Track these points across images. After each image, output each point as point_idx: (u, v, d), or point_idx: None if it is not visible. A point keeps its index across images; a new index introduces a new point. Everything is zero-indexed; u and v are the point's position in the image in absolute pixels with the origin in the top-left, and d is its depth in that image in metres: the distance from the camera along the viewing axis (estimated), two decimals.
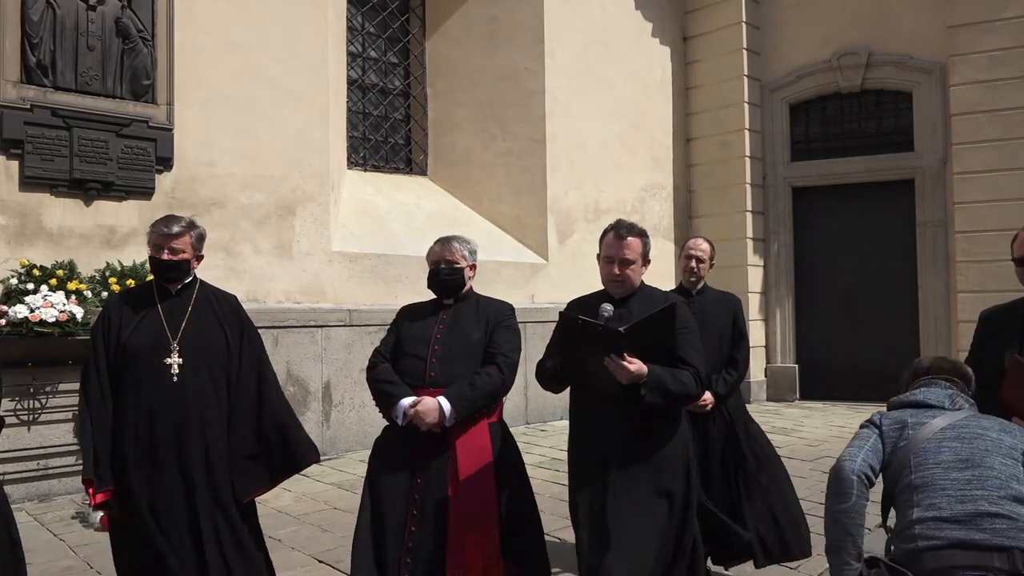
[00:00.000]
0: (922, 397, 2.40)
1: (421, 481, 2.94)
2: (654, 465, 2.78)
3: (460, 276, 3.18)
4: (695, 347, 2.90)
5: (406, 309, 3.29)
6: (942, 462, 2.18)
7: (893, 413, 2.40)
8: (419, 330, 3.14)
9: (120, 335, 3.01)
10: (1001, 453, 2.18)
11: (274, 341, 6.81)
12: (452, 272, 3.16)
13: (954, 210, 9.44)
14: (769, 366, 10.68)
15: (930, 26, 9.67)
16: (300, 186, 7.27)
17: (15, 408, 5.54)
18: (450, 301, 3.20)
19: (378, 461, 3.08)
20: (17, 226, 5.82)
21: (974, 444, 2.20)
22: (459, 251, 3.17)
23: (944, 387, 2.43)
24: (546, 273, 9.17)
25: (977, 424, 2.27)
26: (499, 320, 3.15)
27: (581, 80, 9.64)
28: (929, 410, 2.35)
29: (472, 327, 3.11)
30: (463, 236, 3.27)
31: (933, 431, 2.25)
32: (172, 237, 3.04)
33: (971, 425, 2.26)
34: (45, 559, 4.32)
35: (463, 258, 3.18)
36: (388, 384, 3.03)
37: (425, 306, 3.26)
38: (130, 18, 6.28)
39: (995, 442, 2.20)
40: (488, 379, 3.00)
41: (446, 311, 3.18)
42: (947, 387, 2.43)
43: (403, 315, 3.25)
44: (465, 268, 3.19)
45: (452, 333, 3.10)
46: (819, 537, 4.53)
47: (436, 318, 3.16)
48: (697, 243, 4.17)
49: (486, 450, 3.00)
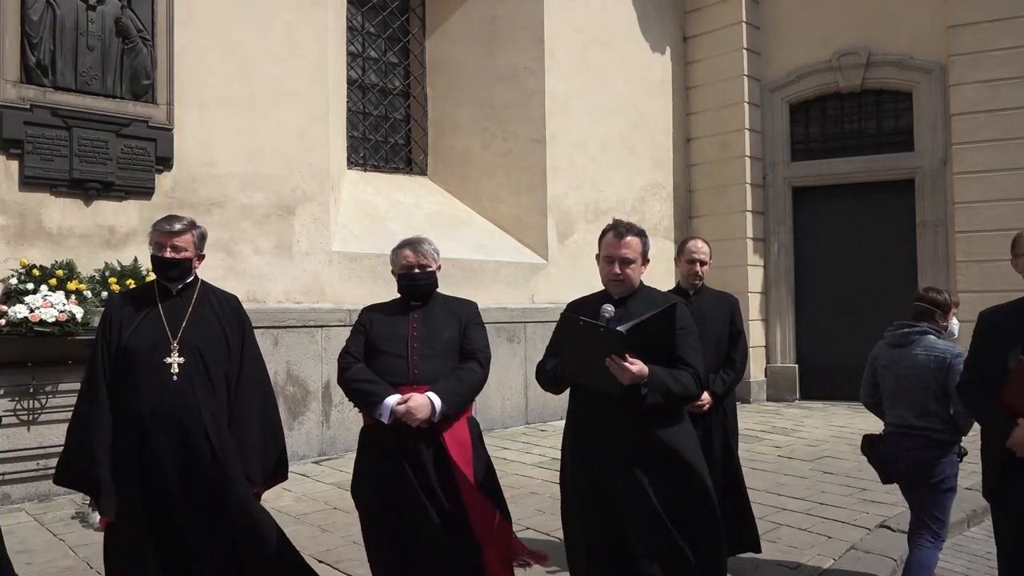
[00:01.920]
0: (889, 340, 3.78)
1: (420, 474, 2.95)
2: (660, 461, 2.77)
3: (434, 279, 3.24)
4: (694, 347, 2.91)
5: (371, 308, 3.30)
6: (886, 387, 3.71)
7: (876, 350, 3.86)
8: (391, 329, 3.14)
9: (121, 335, 3.02)
10: (919, 384, 3.55)
11: (274, 341, 6.81)
12: (428, 276, 3.21)
13: (954, 210, 9.44)
14: (769, 366, 10.68)
15: (930, 26, 9.67)
16: (300, 186, 7.27)
17: (15, 408, 5.54)
18: (418, 301, 3.22)
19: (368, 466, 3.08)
20: (17, 226, 5.82)
21: (899, 380, 3.64)
22: (430, 254, 3.22)
23: (906, 329, 3.70)
24: (546, 273, 9.17)
25: (907, 362, 3.64)
26: (470, 318, 3.23)
27: (581, 80, 9.64)
28: (889, 349, 3.76)
29: (444, 325, 3.16)
30: (426, 237, 3.31)
31: (881, 364, 3.77)
32: (175, 235, 3.06)
33: (902, 364, 3.64)
34: (45, 559, 4.32)
35: (434, 260, 3.23)
36: (367, 383, 3.03)
37: (391, 305, 3.28)
38: (130, 18, 6.28)
39: (913, 376, 3.58)
40: (473, 374, 3.07)
41: (416, 310, 3.21)
42: (909, 326, 3.70)
43: (369, 315, 3.26)
44: (436, 270, 3.25)
45: (427, 331, 3.13)
46: (820, 537, 4.54)
47: (407, 317, 3.18)
48: (698, 245, 4.17)
49: (467, 444, 3.05)
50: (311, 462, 6.89)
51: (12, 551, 4.42)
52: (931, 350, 3.56)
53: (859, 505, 5.19)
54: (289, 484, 6.06)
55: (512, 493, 3.24)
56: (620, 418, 2.76)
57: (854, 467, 6.15)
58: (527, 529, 4.75)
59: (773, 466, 6.53)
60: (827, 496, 5.51)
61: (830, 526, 4.80)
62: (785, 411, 9.68)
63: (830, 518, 4.96)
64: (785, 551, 4.34)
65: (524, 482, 5.95)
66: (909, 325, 3.71)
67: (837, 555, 4.28)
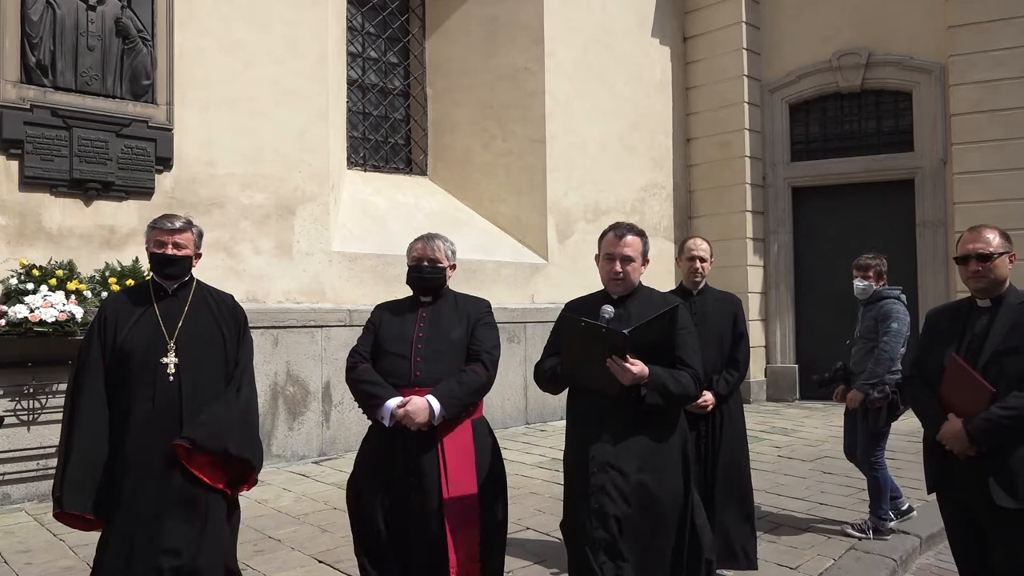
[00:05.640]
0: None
1: (414, 480, 2.94)
2: (653, 464, 2.78)
3: (443, 275, 3.18)
4: (694, 348, 2.93)
5: (382, 307, 3.28)
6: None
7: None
8: (399, 329, 3.12)
9: (116, 334, 3.01)
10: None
11: (274, 341, 6.81)
12: (435, 271, 3.16)
13: (954, 210, 9.44)
14: (769, 366, 10.68)
15: (930, 26, 9.67)
16: (300, 186, 7.27)
17: (15, 408, 5.54)
18: (428, 299, 3.19)
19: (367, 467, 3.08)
20: (17, 226, 5.82)
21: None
22: (442, 250, 3.18)
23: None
24: (546, 273, 9.17)
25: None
26: (479, 318, 3.16)
27: (581, 80, 9.64)
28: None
29: (452, 325, 3.12)
30: (445, 235, 3.27)
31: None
32: (176, 232, 3.06)
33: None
34: (45, 559, 4.32)
35: (445, 257, 3.19)
36: (371, 384, 3.01)
37: (402, 304, 3.25)
38: (130, 18, 6.28)
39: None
40: (475, 376, 3.01)
41: (425, 308, 3.17)
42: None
43: (380, 313, 3.24)
44: (447, 267, 3.19)
45: (434, 331, 3.09)
46: (820, 537, 4.54)
47: (415, 316, 3.15)
48: (697, 243, 4.17)
49: (469, 448, 3.02)
50: (311, 462, 6.89)
51: (12, 551, 4.45)
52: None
53: (859, 505, 5.19)
54: (289, 484, 6.09)
55: (512, 493, 3.23)
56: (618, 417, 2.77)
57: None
58: (527, 529, 4.76)
59: (773, 466, 6.54)
60: (827, 496, 5.52)
61: (830, 526, 4.80)
62: (785, 411, 9.69)
63: (830, 518, 4.96)
64: (785, 551, 4.34)
65: (524, 482, 5.95)
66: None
67: (837, 555, 4.28)
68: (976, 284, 2.85)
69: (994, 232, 2.84)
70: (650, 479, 2.76)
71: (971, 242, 2.85)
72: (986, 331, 2.79)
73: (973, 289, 2.88)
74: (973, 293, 2.89)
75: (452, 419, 2.96)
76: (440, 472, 2.93)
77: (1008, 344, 2.72)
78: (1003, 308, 2.81)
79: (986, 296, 2.85)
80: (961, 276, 2.93)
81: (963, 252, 2.87)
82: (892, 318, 4.68)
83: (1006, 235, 2.87)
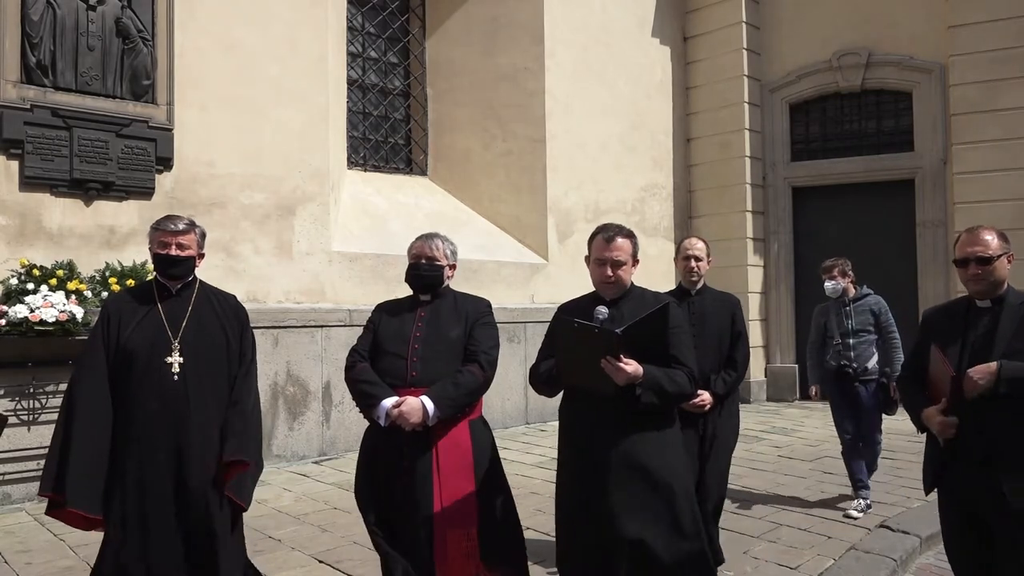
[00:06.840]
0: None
1: (408, 480, 2.94)
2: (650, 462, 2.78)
3: (440, 274, 3.17)
4: (687, 346, 2.93)
5: (382, 306, 3.28)
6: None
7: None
8: (397, 328, 3.12)
9: (120, 334, 3.01)
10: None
11: (274, 341, 6.81)
12: (432, 269, 3.15)
13: (954, 210, 9.44)
14: (769, 366, 10.68)
15: (930, 26, 9.67)
16: (300, 186, 7.27)
17: (15, 408, 5.54)
18: (427, 298, 3.19)
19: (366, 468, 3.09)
20: (17, 226, 5.82)
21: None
22: (441, 249, 3.17)
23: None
24: (546, 273, 9.17)
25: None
26: (478, 317, 3.14)
27: (581, 80, 9.64)
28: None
29: (451, 324, 3.11)
30: (446, 235, 3.26)
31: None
32: (180, 233, 3.07)
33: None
34: (45, 559, 4.32)
35: (444, 256, 3.18)
36: (368, 384, 3.01)
37: (402, 303, 3.25)
38: (130, 18, 6.28)
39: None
40: (471, 377, 3.00)
41: (424, 308, 3.17)
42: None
43: (380, 312, 3.24)
44: (445, 267, 3.19)
45: (431, 331, 3.08)
46: (820, 537, 4.54)
47: (414, 315, 3.15)
48: (692, 243, 4.17)
49: (466, 448, 3.01)
50: (311, 462, 6.89)
51: (12, 551, 4.45)
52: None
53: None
54: (289, 484, 6.09)
55: (512, 493, 3.22)
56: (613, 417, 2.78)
57: None
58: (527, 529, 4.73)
59: (773, 466, 6.54)
60: (827, 496, 5.52)
61: (830, 526, 4.80)
62: (785, 411, 9.68)
63: (830, 518, 4.96)
64: (785, 551, 4.34)
65: (524, 482, 5.95)
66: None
67: (837, 555, 4.28)
68: (976, 287, 2.83)
69: (992, 233, 2.82)
70: (648, 476, 2.76)
71: (969, 245, 2.83)
72: (990, 331, 2.77)
73: (973, 291, 2.86)
74: (972, 295, 2.88)
75: (448, 419, 2.96)
76: (433, 472, 2.93)
77: (1016, 346, 2.69)
78: (1006, 309, 2.79)
79: (986, 297, 2.84)
80: (960, 279, 2.92)
81: (962, 255, 2.85)
82: (887, 311, 5.43)
83: (1003, 235, 2.85)
